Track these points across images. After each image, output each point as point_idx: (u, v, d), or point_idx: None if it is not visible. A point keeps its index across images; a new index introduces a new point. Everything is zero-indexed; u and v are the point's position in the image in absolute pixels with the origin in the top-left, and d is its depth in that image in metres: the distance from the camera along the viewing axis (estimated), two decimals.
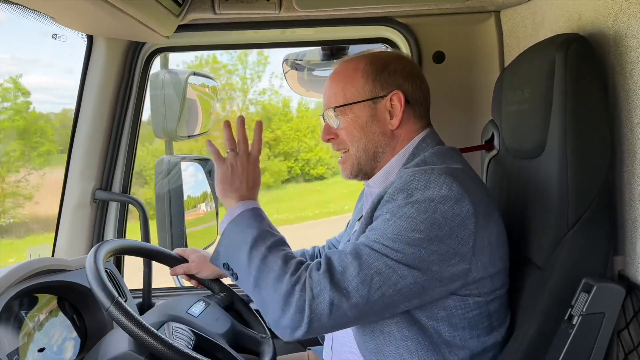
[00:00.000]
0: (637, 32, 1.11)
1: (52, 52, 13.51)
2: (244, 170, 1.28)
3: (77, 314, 1.51)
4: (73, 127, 1.83)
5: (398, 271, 1.09)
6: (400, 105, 1.28)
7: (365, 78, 1.29)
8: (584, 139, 1.17)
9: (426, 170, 1.15)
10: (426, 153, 1.26)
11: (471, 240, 1.12)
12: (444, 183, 1.12)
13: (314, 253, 1.69)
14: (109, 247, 1.36)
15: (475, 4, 1.74)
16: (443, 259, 1.10)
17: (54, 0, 1.31)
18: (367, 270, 1.09)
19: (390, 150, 1.31)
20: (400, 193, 1.14)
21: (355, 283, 1.08)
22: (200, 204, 2.27)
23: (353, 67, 1.32)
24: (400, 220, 1.11)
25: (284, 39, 2.01)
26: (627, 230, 1.18)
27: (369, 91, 1.29)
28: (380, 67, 1.30)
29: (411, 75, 1.31)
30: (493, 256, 1.17)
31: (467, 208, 1.11)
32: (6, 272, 1.30)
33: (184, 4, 1.65)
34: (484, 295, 1.17)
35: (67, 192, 1.84)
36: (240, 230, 1.20)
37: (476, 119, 1.87)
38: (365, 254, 1.10)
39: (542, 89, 1.23)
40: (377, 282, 1.08)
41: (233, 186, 1.28)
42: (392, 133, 1.30)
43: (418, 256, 1.09)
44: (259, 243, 1.16)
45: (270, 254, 1.15)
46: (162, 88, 2.02)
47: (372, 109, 1.29)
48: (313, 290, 1.09)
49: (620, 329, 1.18)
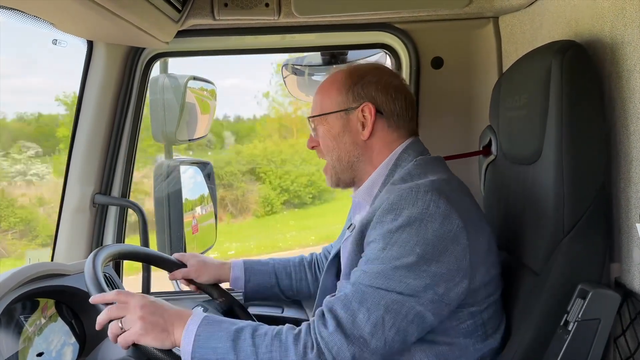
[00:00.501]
0: (633, 39, 1.12)
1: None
2: (149, 305, 1.13)
3: (76, 318, 1.52)
4: (72, 131, 1.84)
5: (406, 303, 1.09)
6: (372, 116, 1.29)
7: (339, 90, 1.33)
8: (580, 145, 1.17)
9: (412, 188, 1.15)
10: (409, 165, 1.27)
11: (467, 254, 1.12)
12: (431, 201, 1.12)
13: (312, 260, 1.69)
14: (108, 252, 1.36)
15: (474, 10, 1.74)
16: (446, 280, 1.11)
17: (54, 7, 1.32)
18: (376, 313, 1.08)
19: (367, 161, 1.32)
20: (389, 214, 1.14)
21: (369, 328, 1.07)
22: (199, 208, 2.27)
23: (332, 80, 1.36)
24: (395, 247, 1.11)
25: (284, 45, 2.02)
26: (623, 237, 1.19)
27: (342, 102, 1.32)
28: (355, 79, 1.32)
29: (386, 88, 1.31)
30: (487, 265, 1.17)
31: (456, 223, 1.12)
32: (6, 276, 1.31)
33: (184, 10, 1.66)
34: (478, 304, 1.18)
35: (66, 196, 1.85)
36: (211, 350, 1.08)
37: (474, 124, 1.87)
38: (369, 295, 1.09)
39: (538, 95, 1.23)
40: (389, 320, 1.08)
41: (166, 324, 1.12)
42: (365, 143, 1.31)
43: (421, 282, 1.09)
44: (239, 348, 1.08)
45: (258, 345, 1.08)
46: (161, 92, 2.03)
47: (345, 120, 1.32)
48: (332, 351, 1.07)
49: (617, 335, 1.18)
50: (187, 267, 1.58)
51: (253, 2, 1.71)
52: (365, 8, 1.72)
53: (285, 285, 1.64)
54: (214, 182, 2.27)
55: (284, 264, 1.66)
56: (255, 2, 1.71)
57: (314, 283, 1.65)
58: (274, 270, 1.63)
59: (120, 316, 1.13)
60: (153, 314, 1.12)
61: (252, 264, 1.62)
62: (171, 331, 1.11)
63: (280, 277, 1.63)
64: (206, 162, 2.27)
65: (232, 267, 1.60)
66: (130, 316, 1.12)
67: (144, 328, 1.10)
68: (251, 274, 1.60)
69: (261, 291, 1.62)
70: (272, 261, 1.66)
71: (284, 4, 1.72)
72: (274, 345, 1.08)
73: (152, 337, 1.10)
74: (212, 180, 2.27)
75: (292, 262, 1.67)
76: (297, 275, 1.65)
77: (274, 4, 1.71)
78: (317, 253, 1.72)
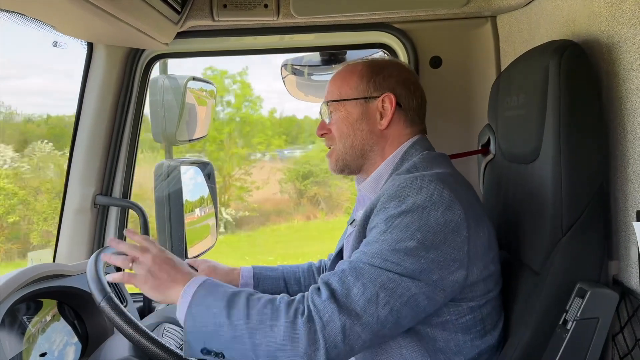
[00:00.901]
0: (630, 39, 1.12)
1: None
2: (163, 262, 1.19)
3: (78, 319, 1.53)
4: (73, 132, 1.85)
5: (402, 283, 1.09)
6: (392, 107, 1.31)
7: (360, 78, 1.34)
8: (578, 144, 1.18)
9: (417, 177, 1.17)
10: (415, 158, 1.29)
11: (465, 245, 1.13)
12: (435, 189, 1.14)
13: (320, 266, 1.69)
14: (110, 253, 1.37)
15: (472, 10, 1.75)
16: (442, 267, 1.11)
17: (54, 9, 1.33)
18: (371, 288, 1.08)
19: (379, 151, 1.34)
20: (392, 200, 1.15)
21: (362, 303, 1.08)
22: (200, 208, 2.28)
23: (351, 69, 1.37)
24: (396, 230, 1.12)
25: (283, 45, 2.02)
26: (621, 236, 1.19)
27: (363, 90, 1.33)
28: (376, 70, 1.35)
29: (406, 82, 1.34)
30: (486, 259, 1.18)
31: (458, 213, 1.13)
32: (8, 277, 1.32)
33: (183, 12, 1.66)
34: (477, 299, 1.18)
35: (67, 197, 1.86)
36: (204, 307, 1.12)
37: (473, 124, 1.88)
38: (366, 272, 1.10)
39: (536, 94, 1.24)
40: (383, 297, 1.08)
41: (167, 281, 1.17)
42: (381, 133, 1.33)
43: (418, 267, 1.10)
44: (232, 305, 1.10)
45: (252, 306, 1.10)
46: (161, 93, 2.04)
47: (364, 107, 1.33)
48: (322, 318, 1.07)
49: (615, 332, 1.19)
50: (197, 271, 1.58)
51: (252, 3, 1.72)
52: (363, 8, 1.73)
53: (294, 291, 1.64)
54: (215, 182, 2.28)
55: (293, 270, 1.67)
56: (254, 3, 1.72)
57: None
58: (282, 277, 1.64)
59: (135, 256, 1.20)
60: (160, 270, 1.18)
61: (261, 270, 1.63)
62: (171, 287, 1.16)
63: (289, 282, 1.64)
64: (206, 162, 2.28)
65: (242, 273, 1.61)
66: (142, 261, 1.19)
67: (146, 278, 1.17)
68: (260, 279, 1.61)
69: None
70: (281, 267, 1.67)
71: (283, 5, 1.73)
72: (266, 308, 1.10)
73: (149, 286, 1.17)
74: (213, 181, 2.27)
75: (301, 269, 1.68)
76: (305, 281, 1.65)
77: (272, 5, 1.72)
78: (325, 260, 1.72)
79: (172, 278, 1.17)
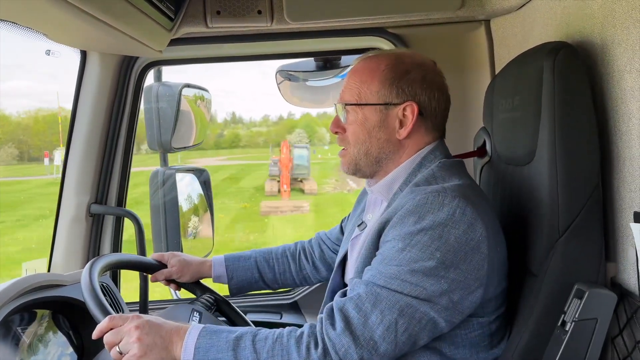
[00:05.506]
0: (623, 40, 1.12)
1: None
2: (150, 326, 1.11)
3: (74, 329, 1.51)
4: (68, 140, 1.84)
5: (420, 308, 1.07)
6: (413, 116, 1.24)
7: (382, 82, 1.24)
8: (573, 146, 1.18)
9: (439, 192, 1.12)
10: (433, 166, 1.23)
11: (485, 264, 1.11)
12: (457, 207, 1.10)
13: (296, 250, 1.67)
14: (104, 262, 1.36)
15: (466, 14, 1.75)
16: (462, 287, 1.09)
17: (47, 18, 1.32)
18: (390, 316, 1.06)
19: (395, 159, 1.27)
20: (411, 216, 1.11)
21: (381, 331, 1.05)
22: (196, 215, 2.27)
23: (373, 67, 1.26)
24: (415, 249, 1.08)
25: (277, 51, 2.02)
26: (618, 237, 1.19)
27: (384, 96, 1.24)
28: (400, 73, 1.25)
29: (431, 87, 1.26)
30: (500, 276, 1.17)
31: (480, 232, 1.10)
32: (1, 289, 1.30)
33: (177, 19, 1.66)
34: (488, 315, 1.17)
35: (62, 206, 1.85)
36: (210, 357, 1.07)
37: (468, 126, 1.88)
38: (384, 297, 1.07)
39: (531, 96, 1.24)
40: (402, 324, 1.06)
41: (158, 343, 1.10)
42: (400, 142, 1.26)
43: (438, 287, 1.07)
44: (239, 351, 1.07)
45: (259, 350, 1.06)
46: (155, 101, 2.03)
47: (383, 115, 1.25)
48: (339, 353, 1.04)
49: (614, 335, 1.18)
50: (167, 267, 1.56)
51: (245, 9, 1.72)
52: (357, 13, 1.72)
53: (269, 279, 1.63)
54: (210, 189, 2.27)
55: (265, 257, 1.63)
56: (247, 10, 1.72)
57: (299, 273, 1.64)
58: (256, 265, 1.61)
59: (117, 341, 1.11)
60: (149, 334, 1.09)
61: (233, 260, 1.60)
62: (171, 349, 1.09)
63: (263, 271, 1.62)
64: (202, 169, 2.27)
65: (213, 265, 1.59)
66: (127, 339, 1.10)
67: (142, 349, 1.08)
68: (233, 271, 1.59)
69: (246, 286, 1.62)
70: (253, 254, 1.63)
71: (277, 11, 1.72)
72: (275, 350, 1.06)
73: (152, 357, 1.08)
74: (209, 187, 2.27)
75: (275, 254, 1.65)
76: (280, 268, 1.63)
77: (266, 11, 1.72)
78: (305, 241, 1.69)
79: (165, 337, 1.10)
